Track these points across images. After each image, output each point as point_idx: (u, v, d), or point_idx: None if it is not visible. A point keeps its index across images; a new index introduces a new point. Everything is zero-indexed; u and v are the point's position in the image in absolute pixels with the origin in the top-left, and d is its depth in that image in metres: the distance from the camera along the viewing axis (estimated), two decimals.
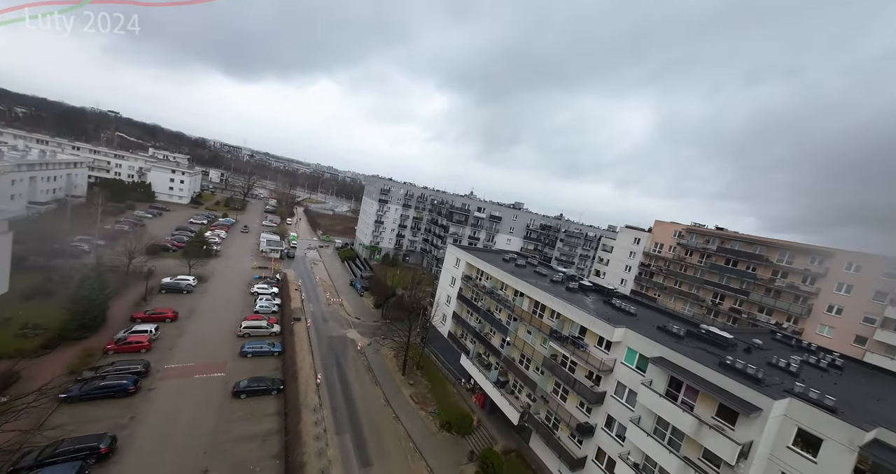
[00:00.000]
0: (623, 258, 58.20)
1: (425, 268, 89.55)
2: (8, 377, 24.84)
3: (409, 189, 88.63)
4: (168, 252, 60.16)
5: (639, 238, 56.67)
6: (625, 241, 58.58)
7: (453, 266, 44.71)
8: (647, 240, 55.50)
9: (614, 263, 59.84)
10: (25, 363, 26.90)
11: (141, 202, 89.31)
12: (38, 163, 60.17)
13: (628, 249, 57.65)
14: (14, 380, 25.10)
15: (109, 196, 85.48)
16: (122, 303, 39.52)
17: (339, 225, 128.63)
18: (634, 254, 56.70)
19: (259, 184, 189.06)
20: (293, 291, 56.36)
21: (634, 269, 56.39)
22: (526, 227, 74.06)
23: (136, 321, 36.27)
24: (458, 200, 76.05)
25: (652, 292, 53.91)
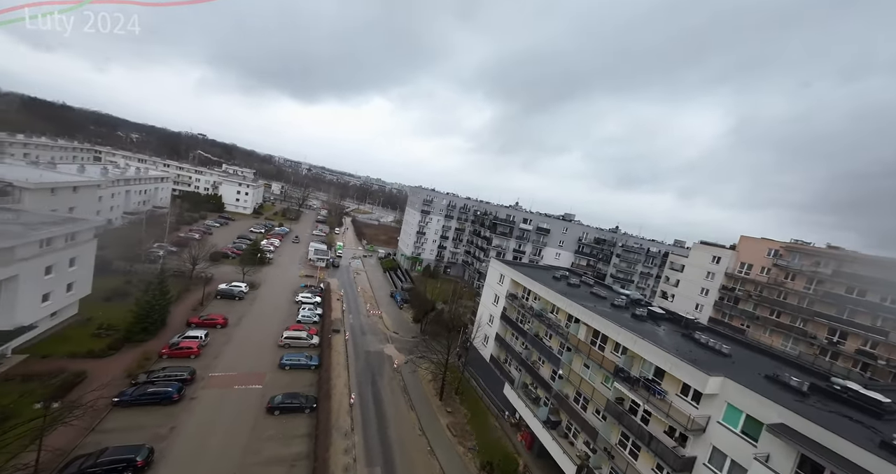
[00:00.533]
0: (698, 279, 49.66)
1: (466, 281, 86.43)
2: (76, 376, 26.58)
3: (452, 199, 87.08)
4: (228, 259, 64.69)
5: (718, 256, 47.98)
6: (700, 260, 50.05)
7: (497, 282, 41.15)
8: (730, 259, 46.72)
9: (686, 285, 51.34)
10: (94, 363, 28.90)
11: (212, 212, 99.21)
12: (132, 178, 69.23)
13: (704, 269, 49.07)
14: (81, 380, 26.81)
15: (187, 207, 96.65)
16: (182, 307, 42.18)
17: (383, 235, 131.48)
18: (713, 276, 48.03)
19: (313, 195, 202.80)
20: (335, 301, 56.76)
21: (713, 293, 47.65)
22: (577, 241, 67.68)
23: (191, 326, 38.13)
24: (502, 211, 72.40)
25: (738, 322, 44.84)
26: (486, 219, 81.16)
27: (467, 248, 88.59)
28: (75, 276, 32.25)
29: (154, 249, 56.40)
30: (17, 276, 25.69)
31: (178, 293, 44.43)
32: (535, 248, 68.15)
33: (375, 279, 75.63)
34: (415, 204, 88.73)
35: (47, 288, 28.99)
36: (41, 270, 27.97)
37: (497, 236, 70.09)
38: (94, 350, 29.77)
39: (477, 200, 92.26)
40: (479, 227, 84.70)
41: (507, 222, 69.18)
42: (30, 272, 26.86)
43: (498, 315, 39.55)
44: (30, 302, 27.41)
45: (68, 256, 30.89)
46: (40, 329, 29.95)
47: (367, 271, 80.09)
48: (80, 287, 33.36)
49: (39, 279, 27.92)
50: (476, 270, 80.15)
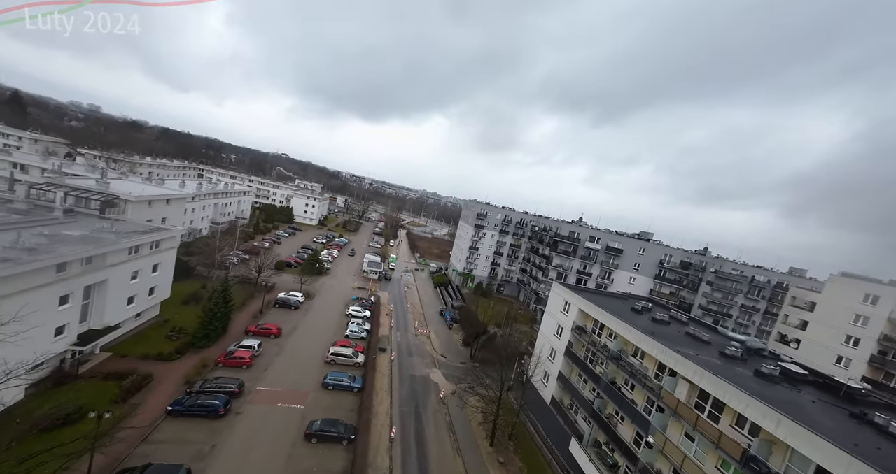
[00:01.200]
0: (840, 323, 37.49)
1: (522, 302, 79.92)
2: (144, 378, 28.04)
3: (507, 214, 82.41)
4: (290, 267, 68.50)
5: (875, 295, 35.65)
6: (842, 297, 37.92)
7: (560, 310, 35.46)
8: (894, 300, 34.31)
9: (820, 329, 39.20)
10: (161, 366, 30.55)
11: (284, 223, 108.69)
12: (220, 192, 78.54)
13: (851, 310, 36.88)
14: (148, 382, 28.22)
15: (264, 217, 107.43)
16: (245, 314, 44.30)
17: (435, 248, 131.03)
18: (866, 321, 35.72)
19: (373, 208, 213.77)
20: (384, 316, 55.58)
21: (868, 344, 35.28)
22: (658, 264, 57.52)
23: (248, 334, 39.38)
24: (564, 227, 65.56)
25: None
26: (546, 235, 74.62)
27: (523, 266, 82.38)
28: (157, 281, 35.28)
29: (229, 256, 61.89)
30: (107, 280, 28.29)
31: (242, 300, 47.07)
32: (604, 271, 59.70)
33: (426, 294, 73.67)
34: (468, 218, 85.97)
35: (133, 291, 31.81)
36: (128, 275, 30.75)
37: (558, 255, 63.30)
38: (163, 353, 31.63)
39: (534, 215, 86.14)
40: (536, 244, 78.33)
41: (571, 240, 62.12)
42: (118, 277, 29.56)
43: (561, 350, 33.72)
44: (117, 304, 30.11)
45: (152, 263, 33.87)
46: (125, 329, 32.91)
47: (417, 286, 78.75)
48: (161, 291, 36.46)
49: (126, 283, 30.69)
50: (533, 292, 73.48)
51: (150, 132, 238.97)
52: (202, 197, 69.87)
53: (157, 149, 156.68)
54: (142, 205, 39.51)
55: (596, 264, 60.28)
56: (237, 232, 49.83)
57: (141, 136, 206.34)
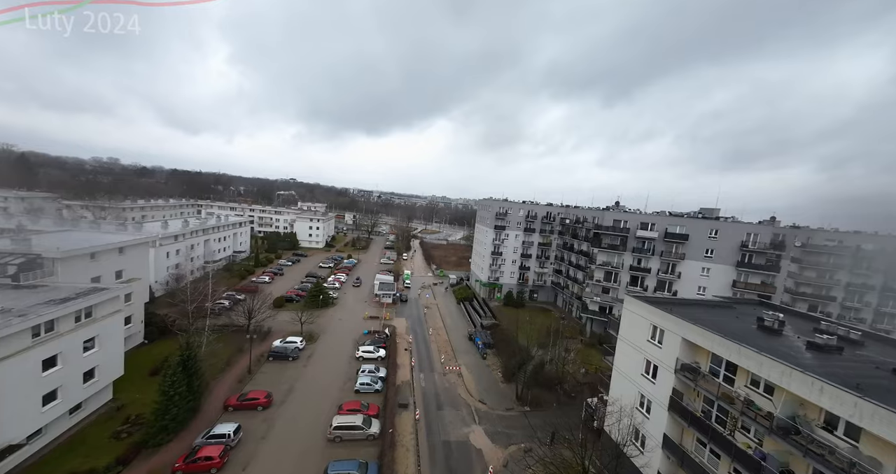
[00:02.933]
0: None
1: (561, 308, 68.32)
2: None
3: (531, 209, 71.27)
4: (293, 302, 59.99)
5: None
6: None
7: (647, 339, 24.39)
8: None
9: None
10: None
11: (288, 250, 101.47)
12: (212, 227, 71.53)
13: None
14: None
15: (266, 247, 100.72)
16: (229, 377, 35.43)
17: (452, 255, 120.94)
18: None
19: (382, 221, 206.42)
20: (402, 352, 45.73)
21: None
22: (740, 248, 44.54)
23: (228, 410, 30.30)
24: (603, 217, 53.90)
25: None
26: (580, 228, 63.01)
27: (557, 267, 70.84)
28: (97, 360, 26.82)
29: (221, 300, 53.87)
30: None
31: (228, 357, 38.39)
32: (666, 264, 47.61)
33: (449, 314, 63.44)
34: (485, 219, 75.36)
35: (50, 385, 23.27)
36: (34, 366, 22.15)
37: (603, 250, 51.66)
38: (96, 468, 22.67)
39: (561, 206, 74.59)
40: (570, 240, 66.73)
41: (617, 230, 50.36)
42: (15, 373, 20.94)
43: (661, 400, 22.59)
44: (20, 410, 21.49)
45: (82, 338, 25.34)
46: (52, 434, 24.36)
47: (438, 304, 68.63)
48: (107, 370, 27.99)
49: (33, 378, 22.10)
50: (575, 296, 61.86)
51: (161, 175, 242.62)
52: (187, 235, 62.66)
53: (162, 190, 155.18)
54: (78, 260, 31.39)
55: (653, 257, 48.28)
56: (209, 276, 41.34)
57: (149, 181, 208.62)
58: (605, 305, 51.84)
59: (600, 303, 51.92)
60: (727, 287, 44.01)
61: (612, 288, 51.32)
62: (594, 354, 48.26)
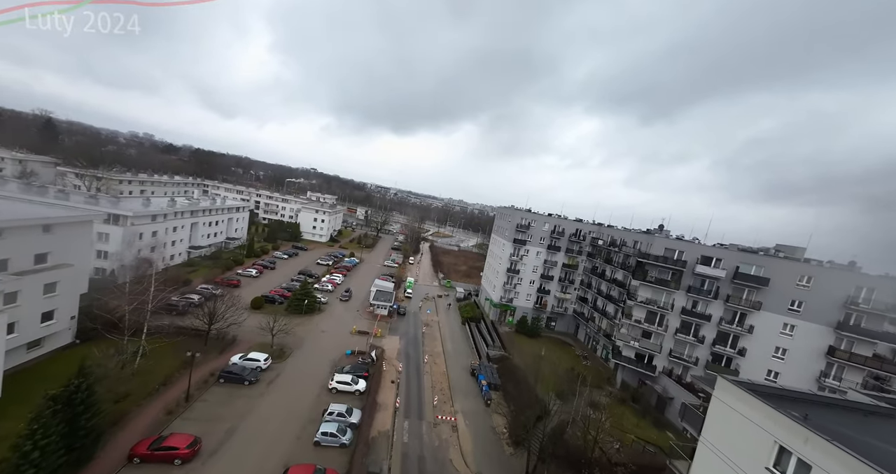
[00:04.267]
0: None
1: (584, 343, 58.23)
2: None
3: (558, 223, 61.63)
4: (274, 304, 52.40)
5: None
6: None
7: (765, 467, 14.64)
8: None
9: None
10: None
11: (288, 241, 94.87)
12: (202, 209, 65.17)
13: None
14: None
15: (264, 236, 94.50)
16: (151, 410, 27.03)
17: (462, 264, 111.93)
18: None
19: (395, 219, 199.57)
20: (387, 386, 37.07)
21: None
22: (845, 305, 32.99)
23: (134, 460, 22.27)
24: (652, 242, 43.85)
25: None
26: (617, 253, 52.99)
27: (582, 293, 60.83)
28: None
29: (191, 295, 46.68)
30: None
31: (167, 374, 30.60)
32: (733, 313, 37.16)
33: (451, 336, 54.45)
34: (504, 230, 66.15)
35: None
36: None
37: (647, 285, 41.63)
38: None
39: (592, 223, 64.62)
40: (601, 264, 56.70)
41: (669, 262, 40.30)
42: None
43: None
44: None
45: None
46: None
47: (440, 322, 59.74)
48: None
49: None
50: (602, 332, 51.79)
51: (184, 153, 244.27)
52: (169, 216, 56.01)
53: (180, 168, 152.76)
54: None
55: (716, 301, 37.92)
56: (152, 267, 33.33)
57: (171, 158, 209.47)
58: (643, 353, 41.74)
59: (638, 349, 41.87)
60: (818, 354, 33.26)
61: (654, 332, 41.21)
62: (627, 415, 38.26)
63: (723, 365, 37.04)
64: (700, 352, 38.60)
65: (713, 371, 36.94)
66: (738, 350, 36.60)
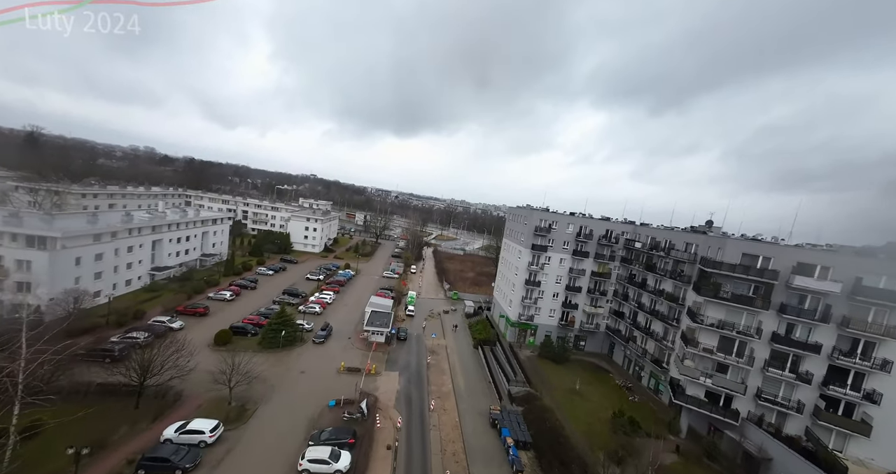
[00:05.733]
0: None
1: (622, 366, 48.12)
2: None
3: (585, 224, 51.61)
4: (246, 337, 43.16)
5: None
6: None
7: None
8: None
9: None
10: None
11: (276, 254, 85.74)
12: (166, 224, 56.20)
13: None
14: None
15: (249, 249, 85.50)
16: None
17: (469, 270, 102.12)
18: None
19: (396, 223, 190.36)
20: (381, 453, 27.46)
21: None
22: None
23: None
24: (724, 247, 33.73)
25: None
26: (663, 258, 42.88)
27: (617, 307, 50.79)
28: None
29: (133, 335, 37.37)
30: None
31: (57, 469, 21.21)
32: (852, 342, 26.82)
33: (462, 367, 44.65)
34: (518, 234, 56.29)
35: None
36: None
37: (719, 303, 31.50)
38: None
39: (623, 222, 54.50)
40: (641, 271, 46.62)
41: (751, 273, 30.12)
42: None
43: None
44: None
45: None
46: None
47: (448, 347, 49.99)
48: None
49: None
50: (649, 356, 41.69)
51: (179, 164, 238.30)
52: (118, 235, 46.89)
53: (170, 179, 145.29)
54: None
55: (825, 326, 27.72)
56: (23, 323, 23.44)
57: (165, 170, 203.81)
58: (718, 392, 31.65)
59: (711, 387, 31.78)
60: None
61: (732, 365, 31.10)
62: None
63: (842, 414, 26.86)
64: (805, 395, 28.43)
65: (829, 421, 26.79)
66: (864, 393, 26.38)
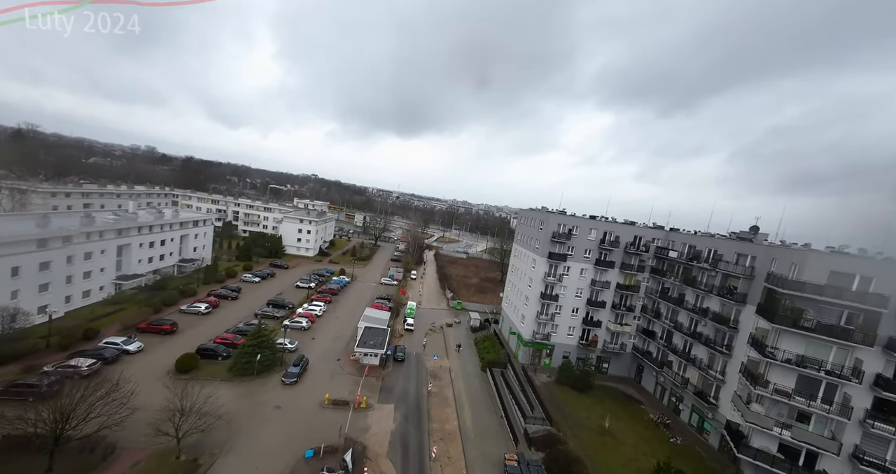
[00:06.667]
0: None
1: (653, 395, 41.47)
2: None
3: (609, 229, 45.02)
4: (216, 360, 36.88)
5: None
6: None
7: None
8: None
9: None
10: None
11: (267, 258, 79.50)
12: (135, 227, 50.02)
13: None
14: None
15: (235, 253, 79.32)
16: None
17: (473, 276, 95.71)
18: None
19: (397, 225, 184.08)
20: None
21: None
22: None
23: None
24: (803, 262, 27.16)
25: None
26: (707, 271, 36.22)
27: (646, 325, 44.20)
28: None
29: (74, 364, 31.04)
30: None
31: None
32: None
33: (469, 398, 38.09)
34: (531, 240, 49.78)
35: None
36: None
37: (798, 334, 24.96)
38: None
39: (652, 227, 47.88)
40: (678, 285, 40.00)
41: (845, 297, 23.59)
42: None
43: None
44: None
45: None
46: None
47: (451, 371, 43.51)
48: None
49: None
50: (686, 384, 35.04)
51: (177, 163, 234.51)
52: (74, 239, 40.72)
53: (166, 178, 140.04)
54: None
55: None
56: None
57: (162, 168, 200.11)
58: (797, 447, 25.02)
59: (787, 440, 25.16)
60: None
61: (818, 413, 24.48)
62: None
63: None
64: None
65: None
66: None
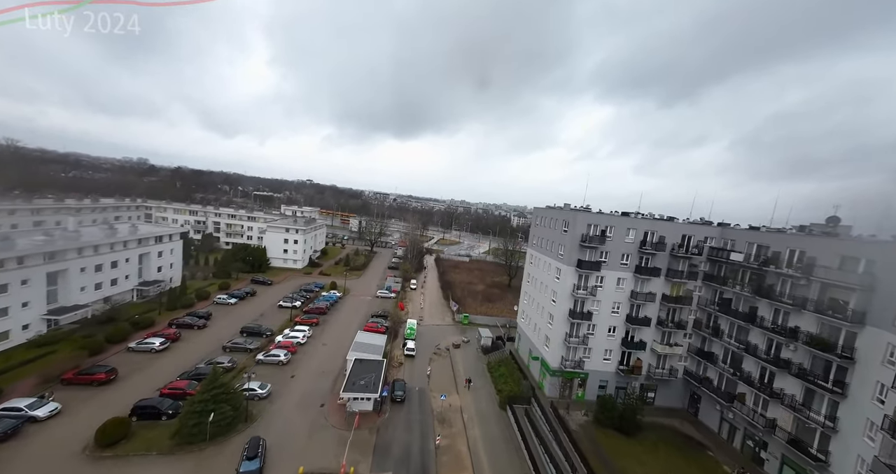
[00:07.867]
0: None
1: (719, 435, 32.89)
2: None
3: (653, 229, 36.48)
4: (159, 420, 28.34)
5: None
6: None
7: None
8: None
9: None
10: None
11: (248, 273, 71.02)
12: (75, 248, 41.43)
13: None
14: None
15: (212, 270, 70.77)
16: None
17: (479, 281, 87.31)
18: None
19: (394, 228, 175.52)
20: None
21: None
22: None
23: None
24: None
25: None
26: (798, 282, 27.76)
27: (700, 344, 35.73)
28: None
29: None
30: None
31: None
32: None
33: (489, 452, 29.44)
34: (553, 245, 41.20)
35: None
36: None
37: None
38: None
39: (701, 222, 39.36)
40: (745, 295, 31.50)
41: None
42: None
43: None
44: None
45: None
46: None
47: (463, 411, 34.92)
48: None
49: None
50: (774, 427, 26.59)
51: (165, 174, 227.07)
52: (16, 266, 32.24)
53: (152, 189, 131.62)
54: None
55: None
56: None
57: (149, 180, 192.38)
58: None
59: None
60: None
61: None
62: None
63: None
64: None
65: None
66: None
